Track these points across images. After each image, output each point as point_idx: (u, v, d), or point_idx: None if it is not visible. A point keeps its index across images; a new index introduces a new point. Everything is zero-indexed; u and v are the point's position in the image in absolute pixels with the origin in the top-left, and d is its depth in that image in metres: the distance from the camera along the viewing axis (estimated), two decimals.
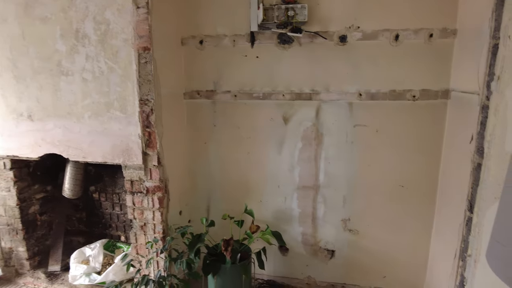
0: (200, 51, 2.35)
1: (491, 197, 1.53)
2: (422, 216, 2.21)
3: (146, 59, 2.01)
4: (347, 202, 2.32)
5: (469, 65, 1.82)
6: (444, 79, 2.05)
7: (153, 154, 2.12)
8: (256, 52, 2.26)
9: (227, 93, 2.36)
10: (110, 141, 2.16)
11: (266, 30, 2.19)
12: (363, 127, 2.20)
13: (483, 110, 1.64)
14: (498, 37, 1.53)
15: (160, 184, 2.17)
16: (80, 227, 2.90)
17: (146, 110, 2.06)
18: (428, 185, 2.17)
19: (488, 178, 1.56)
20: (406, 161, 2.18)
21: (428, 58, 2.05)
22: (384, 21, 2.06)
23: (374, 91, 2.14)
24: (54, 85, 2.20)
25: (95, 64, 2.09)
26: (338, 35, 2.12)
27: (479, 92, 1.69)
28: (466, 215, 1.76)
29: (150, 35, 1.98)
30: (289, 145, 2.34)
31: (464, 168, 1.80)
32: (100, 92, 2.12)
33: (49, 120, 2.26)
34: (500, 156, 1.46)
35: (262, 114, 2.34)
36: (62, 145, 2.27)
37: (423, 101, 2.09)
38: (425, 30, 2.02)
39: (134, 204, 2.24)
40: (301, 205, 2.40)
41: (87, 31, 2.07)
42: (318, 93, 2.22)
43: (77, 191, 2.57)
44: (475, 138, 1.70)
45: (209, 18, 2.28)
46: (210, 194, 2.55)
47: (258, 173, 2.42)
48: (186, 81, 2.41)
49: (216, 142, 2.45)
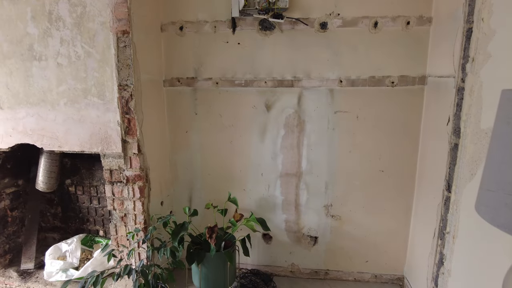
0: (180, 37, 2.30)
1: (468, 174, 1.59)
2: (401, 199, 2.27)
3: (125, 43, 1.95)
4: (329, 188, 2.35)
5: (445, 50, 1.88)
6: (421, 65, 2.11)
7: (133, 141, 2.06)
8: (237, 39, 2.25)
9: (208, 81, 2.33)
10: (87, 128, 2.08)
11: (248, 16, 2.18)
12: (344, 114, 2.24)
13: (459, 92, 1.70)
14: (472, 21, 1.60)
15: (141, 173, 2.11)
16: (55, 223, 2.78)
17: (126, 96, 2.00)
18: (407, 169, 2.23)
19: (465, 156, 1.62)
20: (385, 146, 2.23)
21: (405, 45, 2.10)
22: (364, 9, 2.10)
23: (354, 78, 2.18)
24: (25, 70, 2.09)
25: (71, 49, 2.01)
26: (319, 22, 2.14)
27: (454, 75, 1.75)
28: (444, 194, 1.82)
29: (129, 18, 1.92)
30: (271, 133, 2.34)
31: (441, 150, 1.87)
32: (77, 77, 2.03)
33: (20, 108, 2.15)
34: (476, 134, 1.52)
35: (244, 101, 2.33)
36: (36, 134, 2.16)
37: (401, 87, 2.15)
38: (403, 18, 2.07)
39: (114, 194, 2.16)
40: (284, 193, 2.40)
41: (61, 13, 1.98)
42: (300, 80, 2.23)
43: (52, 184, 2.45)
44: (452, 119, 1.77)
45: (190, 3, 2.25)
46: (192, 184, 2.51)
47: (241, 161, 2.41)
48: (165, 68, 2.36)
49: (197, 130, 2.42)
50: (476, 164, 1.52)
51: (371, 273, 2.42)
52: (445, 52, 1.87)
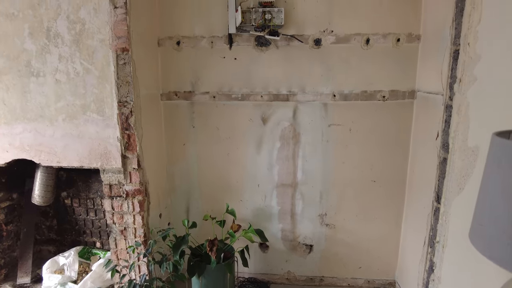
0: (177, 52, 2.34)
1: (456, 188, 1.69)
2: (393, 208, 2.37)
3: (125, 60, 1.97)
4: (323, 198, 2.43)
5: (433, 67, 1.99)
6: (410, 80, 2.21)
7: (133, 157, 2.09)
8: (234, 54, 2.30)
9: (205, 94, 2.37)
10: (87, 144, 2.10)
11: (244, 32, 2.23)
12: (338, 126, 2.32)
13: (447, 109, 1.80)
14: (458, 43, 1.70)
15: (140, 187, 2.14)
16: (51, 235, 2.77)
17: (125, 112, 2.03)
18: (398, 179, 2.33)
19: (453, 171, 1.72)
20: (377, 158, 2.32)
21: (396, 60, 2.20)
22: (356, 26, 2.18)
23: (347, 92, 2.26)
24: (22, 86, 2.09)
25: (70, 65, 2.02)
26: (313, 38, 2.22)
27: (443, 93, 1.86)
28: (434, 205, 1.93)
29: (129, 36, 1.95)
30: (267, 145, 2.40)
31: (430, 162, 1.97)
32: (76, 94, 2.05)
33: (17, 124, 2.14)
34: (464, 151, 1.62)
35: (241, 114, 2.38)
36: (33, 150, 2.16)
37: (392, 101, 2.24)
38: (393, 35, 2.17)
39: (114, 208, 2.18)
40: (280, 203, 2.47)
41: (60, 30, 1.99)
42: (295, 94, 2.31)
43: (49, 198, 2.45)
44: (441, 135, 1.87)
45: (187, 19, 2.29)
46: (190, 195, 2.55)
47: (238, 172, 2.47)
48: (163, 82, 2.40)
49: (195, 143, 2.46)
50: (464, 179, 1.63)
51: (364, 279, 2.52)
52: (433, 69, 1.97)
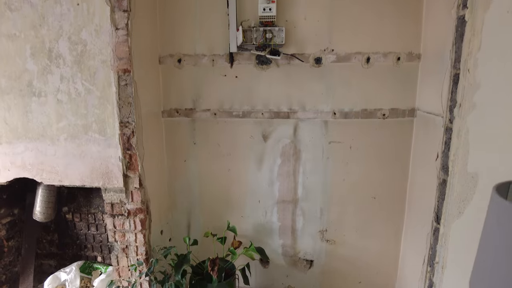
0: (179, 69, 2.35)
1: (456, 211, 1.71)
2: (392, 225, 2.39)
3: (126, 81, 1.98)
4: (324, 214, 2.44)
5: (433, 87, 2.00)
6: (410, 98, 2.23)
7: (135, 176, 2.10)
8: (235, 72, 2.31)
9: (206, 112, 2.38)
10: (88, 163, 2.10)
11: (245, 51, 2.24)
12: (338, 144, 2.33)
13: (447, 132, 1.82)
14: (458, 67, 1.71)
15: (142, 206, 2.15)
16: (52, 250, 2.77)
17: (127, 133, 2.03)
18: (397, 197, 2.35)
19: (452, 194, 1.74)
20: (377, 175, 2.34)
21: (396, 79, 2.21)
22: (357, 45, 2.19)
23: (347, 110, 2.28)
24: (24, 106, 2.09)
25: (71, 85, 2.03)
26: (314, 57, 2.23)
27: (443, 115, 1.87)
28: (434, 225, 1.95)
29: (130, 57, 1.95)
30: (268, 161, 2.41)
31: (430, 182, 1.98)
32: (77, 114, 2.05)
33: (19, 143, 2.15)
34: (463, 176, 1.64)
35: (242, 131, 2.39)
36: (35, 169, 2.17)
37: (392, 119, 2.26)
38: (393, 54, 2.18)
39: (115, 227, 2.20)
40: (281, 218, 2.49)
41: (61, 51, 1.99)
42: (295, 112, 2.32)
43: (50, 214, 2.46)
44: (440, 156, 1.88)
45: (188, 37, 2.29)
46: (191, 211, 2.56)
47: (238, 188, 2.48)
48: (164, 99, 2.41)
49: (196, 159, 2.47)
50: (464, 203, 1.64)
51: None
52: (433, 90, 1.99)
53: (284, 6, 2.17)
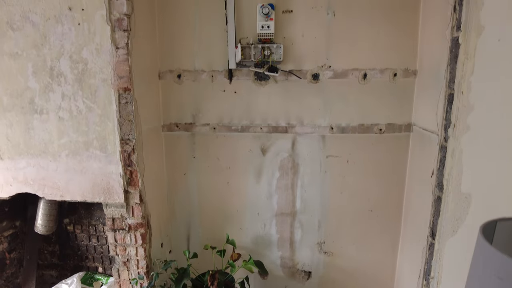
0: (178, 85, 2.38)
1: (450, 229, 1.75)
2: (389, 237, 2.43)
3: (127, 99, 2.01)
4: (321, 226, 2.48)
5: (428, 104, 2.04)
6: (407, 114, 2.26)
7: (135, 192, 2.13)
8: (234, 88, 2.34)
9: (206, 126, 2.42)
10: (89, 179, 2.14)
11: (244, 67, 2.27)
12: (335, 158, 2.37)
13: (441, 150, 1.85)
14: (453, 88, 1.74)
15: (142, 221, 2.19)
16: (53, 260, 2.81)
17: (128, 150, 2.07)
18: (394, 210, 2.38)
19: (447, 211, 1.78)
20: (374, 188, 2.38)
21: (392, 95, 2.25)
22: (354, 61, 2.23)
23: (344, 125, 2.31)
24: (26, 123, 2.12)
25: (72, 103, 2.06)
26: (311, 73, 2.26)
27: (438, 133, 1.91)
28: (429, 240, 1.98)
29: (131, 75, 1.99)
30: (267, 175, 2.45)
31: (426, 197, 2.02)
32: (78, 131, 2.09)
33: (21, 159, 2.18)
34: (457, 195, 1.68)
35: (241, 145, 2.43)
36: (37, 184, 2.20)
37: (388, 134, 2.29)
38: (390, 70, 2.21)
39: (116, 241, 2.23)
40: (279, 231, 2.52)
41: (62, 69, 2.02)
42: (293, 126, 2.35)
43: (51, 227, 2.49)
44: (435, 173, 1.92)
45: (187, 53, 2.33)
46: (190, 223, 2.60)
47: (237, 201, 2.51)
48: (163, 114, 2.44)
49: (195, 172, 2.50)
50: (458, 222, 1.68)
51: None
52: (429, 107, 2.02)
53: (282, 23, 2.20)
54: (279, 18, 2.20)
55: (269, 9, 2.10)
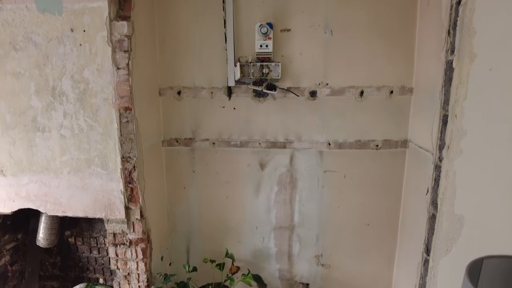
0: (178, 101, 2.42)
1: (444, 248, 1.78)
2: (385, 251, 2.47)
3: (128, 118, 2.05)
4: (319, 239, 2.52)
5: (424, 123, 2.07)
6: (403, 130, 2.30)
7: (136, 208, 2.17)
8: (233, 104, 2.38)
9: (205, 141, 2.46)
10: (91, 196, 2.17)
11: (243, 84, 2.31)
12: (333, 173, 2.41)
13: (436, 169, 1.89)
14: (447, 109, 1.78)
15: (143, 236, 2.22)
16: (54, 272, 2.84)
17: (129, 167, 2.10)
18: (390, 224, 2.42)
19: (441, 230, 1.82)
20: (371, 203, 2.42)
21: (389, 111, 2.29)
22: (350, 79, 2.26)
23: (341, 141, 2.35)
24: (28, 140, 2.16)
25: (74, 122, 2.09)
26: (309, 90, 2.30)
27: (433, 152, 1.95)
28: (424, 256, 2.02)
29: (131, 95, 2.02)
30: (265, 189, 2.49)
31: (421, 213, 2.06)
32: (80, 148, 2.12)
33: (23, 175, 2.21)
34: (451, 216, 1.72)
35: (240, 160, 2.47)
36: (39, 200, 2.24)
37: (385, 150, 2.33)
38: (387, 88, 2.25)
39: (117, 255, 2.27)
40: (278, 244, 2.57)
41: (64, 89, 2.06)
42: (292, 142, 2.39)
43: (53, 240, 2.53)
44: (430, 191, 1.96)
45: (187, 70, 2.36)
46: (190, 237, 2.64)
47: (236, 215, 2.55)
48: (164, 129, 2.48)
49: (195, 186, 2.54)
50: (451, 243, 1.72)
51: None
52: (424, 126, 2.06)
53: (280, 42, 2.24)
54: (277, 36, 2.23)
55: (268, 29, 2.14)
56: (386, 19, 2.16)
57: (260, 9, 2.22)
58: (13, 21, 2.00)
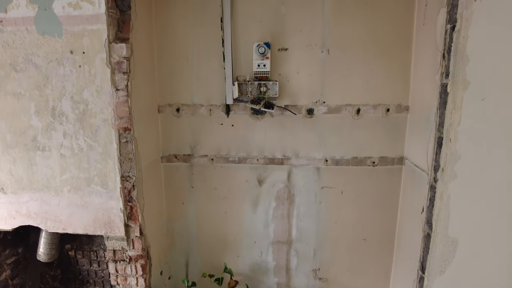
0: (177, 118, 2.44)
1: (438, 269, 1.81)
2: (382, 266, 2.50)
3: (127, 138, 2.07)
4: (317, 254, 2.55)
5: (420, 142, 2.10)
6: (399, 147, 2.33)
7: (135, 226, 2.19)
8: (231, 121, 2.40)
9: (204, 157, 2.48)
10: (91, 213, 2.20)
11: (241, 102, 2.33)
12: (330, 189, 2.44)
13: (431, 189, 1.92)
14: (442, 132, 1.81)
15: (143, 253, 2.25)
16: (55, 284, 2.87)
17: (128, 187, 2.13)
18: (387, 239, 2.46)
19: (436, 251, 1.84)
20: (367, 218, 2.45)
21: (385, 129, 2.31)
22: (347, 97, 2.29)
23: (338, 158, 2.38)
24: (29, 159, 2.18)
25: (74, 141, 2.12)
26: (306, 108, 2.33)
27: (428, 172, 1.97)
28: (419, 273, 2.05)
29: (131, 116, 2.05)
30: (263, 205, 2.52)
31: (416, 230, 2.09)
32: (80, 167, 2.15)
33: (24, 193, 2.24)
34: (445, 238, 1.74)
35: (238, 176, 2.49)
36: (39, 217, 2.26)
37: (381, 167, 2.36)
38: (383, 106, 2.28)
39: (117, 271, 2.30)
40: (276, 258, 2.60)
41: (64, 109, 2.08)
42: (289, 158, 2.42)
43: (53, 255, 2.55)
44: (425, 210, 1.99)
45: (186, 88, 2.39)
46: (189, 251, 2.66)
47: (235, 230, 2.58)
48: (163, 146, 2.50)
49: (194, 202, 2.57)
50: (445, 264, 1.75)
51: None
52: (420, 146, 2.08)
53: (278, 61, 2.26)
54: (275, 55, 2.26)
55: (265, 49, 2.17)
56: (383, 38, 2.18)
57: (257, 29, 2.24)
58: (14, 43, 2.02)
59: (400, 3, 2.12)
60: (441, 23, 1.84)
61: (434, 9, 1.92)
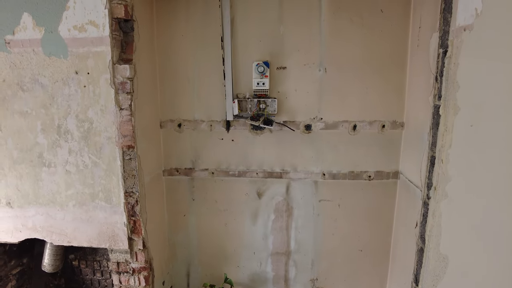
0: (179, 133, 2.51)
1: (431, 283, 1.89)
2: (377, 276, 2.58)
3: (131, 156, 2.14)
4: (315, 264, 2.63)
5: (413, 159, 2.17)
6: (394, 162, 2.40)
7: (139, 239, 2.26)
8: (231, 136, 2.47)
9: (204, 171, 2.55)
10: (95, 227, 2.27)
11: (241, 118, 2.40)
12: (327, 202, 2.51)
13: (424, 205, 1.99)
14: (434, 151, 1.88)
15: (146, 265, 2.32)
16: None
17: (131, 202, 2.20)
18: (382, 251, 2.53)
19: (428, 265, 1.92)
20: (363, 230, 2.52)
21: (381, 144, 2.38)
22: (344, 114, 2.36)
23: (335, 172, 2.45)
24: (35, 175, 2.25)
25: (79, 158, 2.18)
26: (304, 124, 2.40)
27: (421, 189, 2.05)
28: (413, 285, 2.13)
29: (134, 134, 2.11)
30: (263, 217, 2.59)
31: (410, 243, 2.16)
32: (84, 183, 2.21)
33: (30, 207, 2.30)
34: (437, 254, 1.82)
35: (238, 189, 2.56)
36: (45, 231, 2.33)
37: (377, 181, 2.43)
38: (378, 122, 2.35)
39: (121, 282, 2.37)
40: (274, 269, 2.67)
41: (69, 127, 2.15)
42: (288, 172, 2.49)
43: (58, 265, 2.62)
44: (419, 225, 2.06)
45: (187, 104, 2.46)
46: (190, 262, 2.74)
47: (235, 241, 2.65)
48: (164, 160, 2.57)
49: (194, 214, 2.64)
50: (437, 279, 1.82)
51: None
52: (414, 164, 2.15)
53: (276, 79, 2.33)
54: (273, 74, 2.33)
55: (264, 68, 2.24)
56: (378, 57, 2.25)
57: (257, 48, 2.31)
58: (21, 64, 2.09)
59: (395, 25, 2.19)
60: (434, 46, 1.91)
61: (427, 33, 1.99)
